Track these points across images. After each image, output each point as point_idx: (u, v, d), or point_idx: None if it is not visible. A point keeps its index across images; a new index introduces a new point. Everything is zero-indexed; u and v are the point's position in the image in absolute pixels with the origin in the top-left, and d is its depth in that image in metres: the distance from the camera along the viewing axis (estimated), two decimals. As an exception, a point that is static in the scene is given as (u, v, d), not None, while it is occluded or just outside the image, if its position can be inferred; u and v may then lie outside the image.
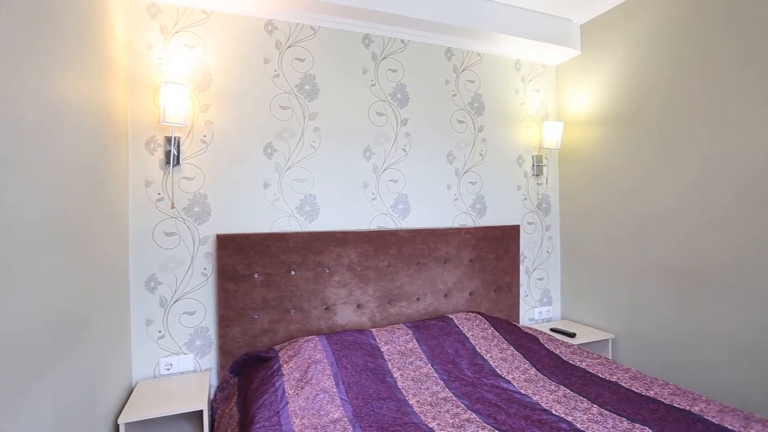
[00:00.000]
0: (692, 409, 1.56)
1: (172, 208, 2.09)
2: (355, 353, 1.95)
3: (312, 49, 2.39)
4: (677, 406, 1.60)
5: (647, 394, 1.71)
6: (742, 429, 1.41)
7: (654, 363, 2.44)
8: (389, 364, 1.95)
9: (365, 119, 2.52)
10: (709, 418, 1.50)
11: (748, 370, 2.00)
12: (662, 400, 1.65)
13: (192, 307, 2.13)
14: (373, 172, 2.53)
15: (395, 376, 1.87)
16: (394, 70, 2.60)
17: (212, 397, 2.07)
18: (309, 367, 1.80)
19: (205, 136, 2.17)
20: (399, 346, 2.08)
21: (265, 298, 2.16)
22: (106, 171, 1.70)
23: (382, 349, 2.03)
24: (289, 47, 2.34)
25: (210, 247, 2.17)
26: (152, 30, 2.08)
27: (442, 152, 2.74)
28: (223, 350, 2.10)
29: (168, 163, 2.08)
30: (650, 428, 1.44)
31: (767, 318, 1.93)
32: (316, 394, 1.65)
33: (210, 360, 2.16)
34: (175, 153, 2.08)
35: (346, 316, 2.33)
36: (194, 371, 2.13)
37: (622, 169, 2.63)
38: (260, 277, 2.15)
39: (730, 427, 1.43)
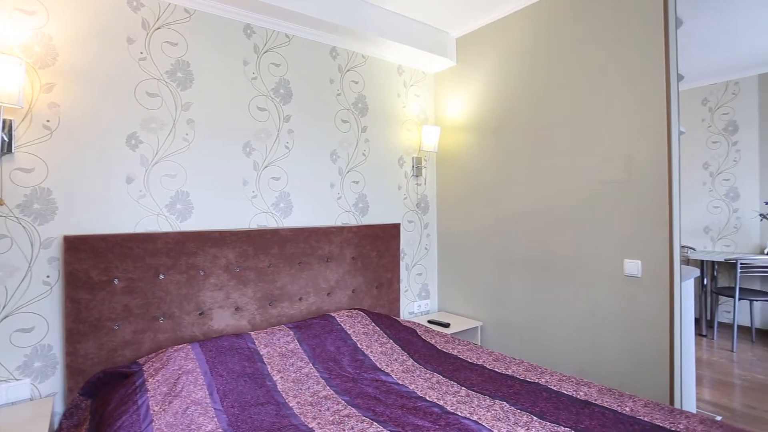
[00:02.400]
0: (539, 381, 1.82)
1: (1, 204, 1.75)
2: (232, 359, 1.85)
3: (186, 34, 2.20)
4: (529, 380, 1.84)
5: (506, 372, 1.94)
6: (574, 393, 1.69)
7: (514, 344, 2.78)
8: (269, 367, 1.89)
9: (245, 113, 2.40)
10: (552, 386, 1.76)
11: (581, 342, 2.40)
12: (517, 376, 1.89)
13: (29, 323, 1.80)
14: (254, 169, 2.43)
15: (275, 379, 1.82)
16: (278, 65, 2.53)
17: (57, 426, 1.78)
18: (179, 378, 1.65)
19: (48, 120, 1.85)
20: (279, 347, 2.03)
21: (128, 307, 1.93)
22: None
23: (261, 353, 1.96)
24: (158, 29, 2.12)
25: (55, 250, 1.86)
26: (-29, -13, 1.70)
27: (326, 151, 2.74)
28: (73, 370, 1.81)
29: (-5, 150, 1.72)
30: (507, 402, 1.64)
31: (594, 300, 2.34)
32: (187, 408, 1.52)
33: (54, 383, 1.85)
34: (6, 139, 1.73)
35: (223, 320, 2.20)
36: (31, 399, 1.80)
37: (489, 172, 2.93)
38: (121, 283, 1.92)
39: (565, 392, 1.71)
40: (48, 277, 1.84)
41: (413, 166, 3.20)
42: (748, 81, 4.35)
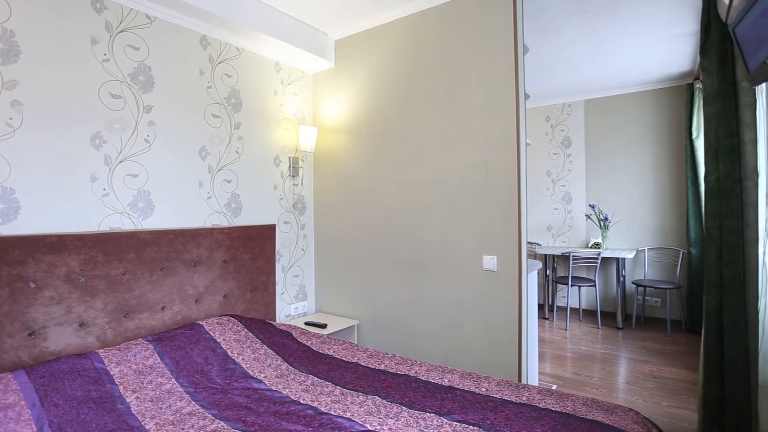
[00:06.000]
0: (410, 373, 1.93)
1: None
2: (72, 384, 1.59)
3: (9, -3, 1.82)
4: (400, 373, 1.94)
5: (379, 367, 2.01)
6: (439, 380, 1.84)
7: (388, 340, 2.90)
8: (121, 388, 1.67)
9: (94, 99, 2.09)
10: (420, 377, 1.88)
11: (448, 333, 2.61)
12: (389, 370, 1.97)
13: None
14: (105, 164, 2.13)
15: (128, 400, 1.62)
16: (137, 48, 2.25)
17: None
18: (-4, 415, 1.36)
19: None
20: (135, 364, 1.81)
21: None
22: None
23: (111, 372, 1.72)
24: (-34, -14, 1.72)
25: None
26: None
27: (194, 147, 2.53)
28: None
29: None
30: (379, 396, 1.71)
31: (458, 293, 2.57)
32: (7, 448, 1.27)
33: None
34: None
35: (62, 339, 1.88)
36: None
37: (365, 174, 3.02)
38: None
39: (432, 380, 1.84)
40: None
41: (290, 166, 3.14)
42: (577, 104, 5.21)
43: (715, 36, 1.95)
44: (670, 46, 3.60)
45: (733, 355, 1.89)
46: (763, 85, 1.96)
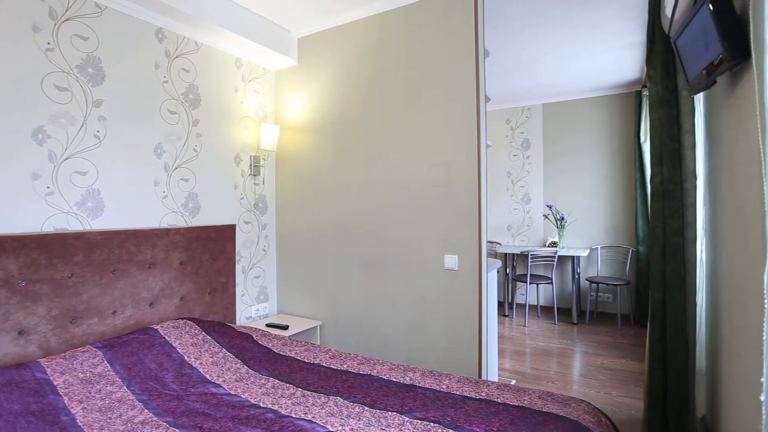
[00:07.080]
0: (371, 372, 1.93)
1: None
2: (9, 397, 1.48)
3: (-63, -21, 1.68)
4: (362, 372, 1.94)
5: (342, 368, 2.00)
6: (401, 379, 1.85)
7: (351, 340, 2.89)
8: (65, 398, 1.58)
9: (37, 91, 1.96)
10: (383, 376, 1.89)
11: (410, 331, 2.64)
12: (352, 370, 1.97)
13: None
14: (50, 161, 2.01)
15: (74, 412, 1.53)
16: (85, 38, 2.14)
17: None
18: None
19: None
20: (82, 373, 1.71)
21: None
22: None
23: (55, 383, 1.62)
24: None
25: None
26: None
27: (149, 144, 2.43)
28: None
29: None
30: (341, 397, 1.70)
31: (420, 293, 2.59)
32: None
33: None
34: None
35: None
36: None
37: (328, 174, 2.99)
38: None
39: (394, 379, 1.85)
40: None
41: (251, 165, 3.07)
42: (536, 108, 5.39)
43: (660, 47, 2.07)
44: (621, 55, 3.79)
45: (674, 346, 2.02)
46: (701, 94, 2.10)
